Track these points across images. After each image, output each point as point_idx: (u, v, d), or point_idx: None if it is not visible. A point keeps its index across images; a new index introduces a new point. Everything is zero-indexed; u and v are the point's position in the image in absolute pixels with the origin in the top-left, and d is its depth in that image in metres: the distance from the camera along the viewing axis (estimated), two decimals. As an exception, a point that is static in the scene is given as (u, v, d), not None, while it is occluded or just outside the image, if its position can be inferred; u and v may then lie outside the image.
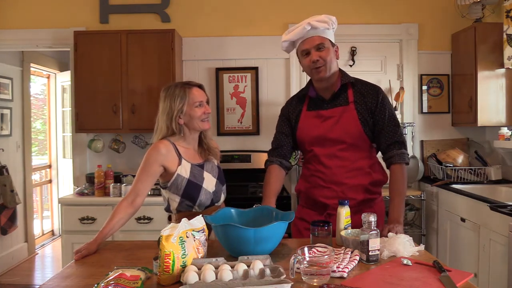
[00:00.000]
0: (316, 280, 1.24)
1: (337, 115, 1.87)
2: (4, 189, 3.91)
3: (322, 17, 1.84)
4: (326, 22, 1.83)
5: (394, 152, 1.86)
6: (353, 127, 1.85)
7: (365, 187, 1.86)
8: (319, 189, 1.89)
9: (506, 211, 2.30)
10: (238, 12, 3.65)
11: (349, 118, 1.85)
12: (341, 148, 1.85)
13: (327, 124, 1.87)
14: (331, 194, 1.85)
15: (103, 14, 3.63)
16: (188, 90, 1.80)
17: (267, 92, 3.66)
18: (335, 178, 1.85)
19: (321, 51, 1.83)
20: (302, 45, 1.86)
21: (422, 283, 1.21)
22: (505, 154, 3.37)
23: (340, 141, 1.85)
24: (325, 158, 1.87)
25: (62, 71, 5.21)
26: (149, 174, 1.75)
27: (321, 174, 1.88)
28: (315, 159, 1.91)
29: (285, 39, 1.90)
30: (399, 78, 3.64)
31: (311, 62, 1.84)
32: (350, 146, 1.85)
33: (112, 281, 1.18)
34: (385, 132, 1.87)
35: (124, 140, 3.60)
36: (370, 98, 1.87)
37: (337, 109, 1.88)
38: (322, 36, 1.83)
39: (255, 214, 1.66)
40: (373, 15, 3.61)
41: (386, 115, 1.87)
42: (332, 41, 1.88)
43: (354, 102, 1.87)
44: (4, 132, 4.19)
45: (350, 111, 1.86)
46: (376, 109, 1.86)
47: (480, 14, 3.38)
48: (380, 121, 1.86)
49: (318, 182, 1.89)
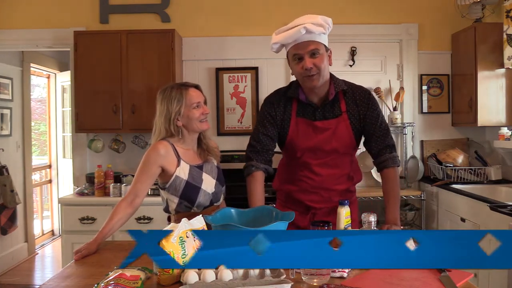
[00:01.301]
0: (316, 280, 1.24)
1: (332, 127, 1.82)
2: (4, 189, 3.91)
3: (319, 19, 1.70)
4: (322, 26, 1.70)
5: (387, 156, 1.84)
6: (348, 138, 1.83)
7: (348, 189, 1.92)
8: (306, 194, 1.88)
9: (506, 211, 2.30)
10: (238, 12, 3.65)
11: (344, 130, 1.82)
12: (333, 158, 1.84)
13: (323, 136, 1.82)
14: (318, 199, 1.86)
15: (103, 14, 3.63)
16: (185, 91, 1.79)
17: (267, 92, 3.58)
18: (325, 185, 1.85)
19: (315, 58, 1.72)
20: (295, 49, 1.73)
21: (422, 283, 1.21)
22: (505, 154, 3.37)
23: (335, 152, 1.83)
24: (316, 167, 1.84)
25: (62, 71, 5.20)
26: (148, 174, 1.75)
27: (311, 181, 1.86)
28: (305, 166, 1.86)
29: (275, 41, 1.78)
30: (399, 78, 3.64)
31: (303, 69, 1.72)
32: (342, 155, 1.86)
33: (112, 281, 1.19)
34: (376, 137, 1.85)
35: (124, 140, 3.60)
36: (361, 106, 1.84)
37: (332, 121, 1.82)
38: (317, 41, 1.71)
39: (255, 214, 1.66)
40: (373, 15, 3.61)
41: (378, 121, 1.84)
42: (326, 45, 1.77)
43: (347, 112, 1.83)
44: (4, 132, 4.19)
45: (344, 122, 1.83)
46: (366, 114, 1.83)
47: (480, 14, 3.38)
48: (371, 126, 1.84)
49: (305, 187, 1.87)
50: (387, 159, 1.84)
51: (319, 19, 1.71)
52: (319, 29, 1.69)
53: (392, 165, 1.84)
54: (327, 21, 1.74)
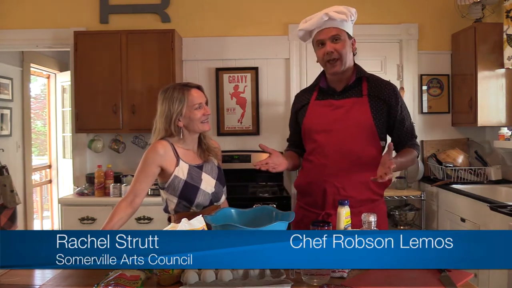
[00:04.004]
0: (316, 280, 1.24)
1: (348, 105, 1.83)
2: (4, 189, 3.90)
3: (341, 8, 1.80)
4: (345, 14, 1.79)
5: (410, 143, 1.87)
6: (364, 118, 1.80)
7: (367, 185, 1.80)
8: (320, 184, 1.82)
9: (506, 211, 2.30)
10: (238, 12, 3.65)
11: (361, 109, 1.81)
12: (348, 140, 1.79)
13: (337, 113, 1.82)
14: (331, 190, 1.80)
15: (103, 14, 3.63)
16: (187, 92, 1.78)
17: (267, 92, 3.66)
18: (339, 171, 1.79)
19: (337, 43, 1.80)
20: (318, 35, 1.82)
21: (422, 283, 1.21)
22: (505, 154, 3.37)
23: (348, 132, 1.79)
24: (329, 149, 1.81)
25: (62, 71, 5.20)
26: (147, 174, 1.75)
27: (323, 167, 1.81)
28: (318, 150, 1.84)
29: (301, 27, 1.87)
30: (399, 78, 3.64)
31: (325, 54, 1.80)
32: (358, 138, 1.80)
33: (112, 281, 1.19)
34: (406, 132, 1.88)
35: (124, 140, 3.60)
36: (386, 94, 1.83)
37: (349, 100, 1.84)
38: (339, 27, 1.79)
39: (255, 214, 1.66)
40: (373, 15, 3.61)
41: (406, 119, 1.87)
42: (350, 33, 1.84)
43: (368, 95, 1.83)
44: (4, 132, 4.19)
45: (363, 103, 1.82)
46: (396, 107, 1.84)
47: (480, 14, 3.38)
48: (401, 122, 1.86)
49: (319, 175, 1.82)
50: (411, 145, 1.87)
51: (342, 7, 1.81)
52: (341, 16, 1.78)
53: (413, 148, 1.86)
54: (350, 10, 1.82)
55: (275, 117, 3.63)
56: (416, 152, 1.87)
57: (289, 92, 3.59)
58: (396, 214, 3.33)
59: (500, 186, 3.17)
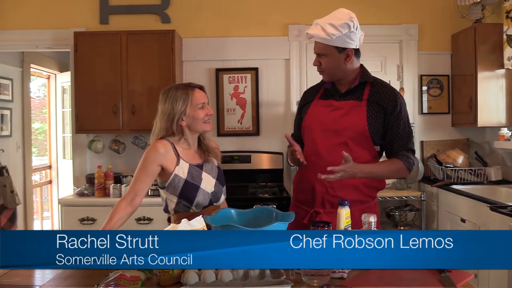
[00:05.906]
0: (316, 280, 1.24)
1: (347, 107, 1.86)
2: (4, 189, 3.91)
3: (336, 21, 1.79)
4: (339, 30, 1.78)
5: (402, 153, 1.84)
6: (358, 122, 1.82)
7: (356, 187, 1.84)
8: (310, 181, 1.86)
9: (506, 212, 2.30)
10: (238, 13, 3.65)
11: (357, 113, 1.84)
12: (341, 142, 1.83)
13: (335, 114, 1.86)
14: (320, 189, 1.84)
15: (103, 14, 3.63)
16: (191, 92, 1.80)
17: (267, 93, 3.66)
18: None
19: (321, 59, 1.86)
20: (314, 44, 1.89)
21: (422, 284, 1.21)
22: (505, 154, 3.37)
23: (342, 134, 1.83)
24: (322, 148, 1.85)
25: (62, 72, 5.21)
26: (147, 173, 1.75)
27: (315, 165, 1.83)
28: (313, 148, 1.89)
29: (307, 32, 1.90)
30: (399, 79, 3.64)
31: None
32: (351, 141, 1.83)
33: (112, 282, 1.19)
34: (397, 141, 1.85)
35: (124, 141, 3.60)
36: (386, 100, 1.84)
37: (349, 102, 1.87)
38: (326, 44, 1.81)
39: (255, 214, 1.66)
40: (373, 15, 3.61)
41: (401, 127, 1.85)
42: (343, 46, 1.82)
43: (368, 100, 1.85)
44: (4, 132, 4.19)
45: (361, 107, 1.84)
46: (392, 115, 1.84)
47: (480, 14, 3.38)
48: (394, 129, 1.84)
49: (310, 173, 1.85)
50: (400, 156, 1.84)
51: (337, 21, 1.79)
52: (334, 31, 1.77)
53: (401, 159, 1.83)
54: (349, 24, 1.79)
55: (275, 117, 3.63)
56: (404, 164, 1.83)
57: (289, 92, 3.59)
58: (396, 215, 3.32)
59: (500, 187, 3.17)
